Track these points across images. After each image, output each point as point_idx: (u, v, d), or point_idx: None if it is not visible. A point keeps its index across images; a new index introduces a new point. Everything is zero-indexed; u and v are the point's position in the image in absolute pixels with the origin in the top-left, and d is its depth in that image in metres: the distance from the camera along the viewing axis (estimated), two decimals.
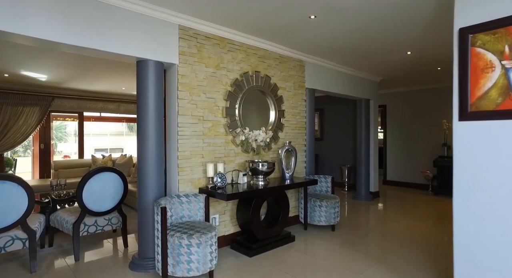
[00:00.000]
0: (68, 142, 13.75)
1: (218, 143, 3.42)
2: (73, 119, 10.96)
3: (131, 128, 14.55)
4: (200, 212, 3.04)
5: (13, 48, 3.91)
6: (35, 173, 9.17)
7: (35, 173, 9.19)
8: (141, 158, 2.92)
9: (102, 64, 4.80)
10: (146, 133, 2.90)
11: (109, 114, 9.23)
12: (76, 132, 14.05)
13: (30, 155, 10.05)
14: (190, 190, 3.17)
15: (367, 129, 5.96)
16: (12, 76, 5.67)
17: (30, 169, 9.44)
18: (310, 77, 4.60)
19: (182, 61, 3.10)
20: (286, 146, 3.91)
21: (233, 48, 3.57)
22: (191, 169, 3.18)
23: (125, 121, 12.34)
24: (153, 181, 2.93)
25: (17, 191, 2.70)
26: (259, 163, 3.43)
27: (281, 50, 4.10)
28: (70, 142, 13.65)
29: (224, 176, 3.23)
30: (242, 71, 3.66)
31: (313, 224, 4.09)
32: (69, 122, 12.97)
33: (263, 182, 3.47)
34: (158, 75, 2.96)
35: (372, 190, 6.09)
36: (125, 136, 14.12)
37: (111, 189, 3.29)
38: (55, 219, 3.36)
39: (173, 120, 3.11)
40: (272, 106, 3.99)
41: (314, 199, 4.05)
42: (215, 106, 3.40)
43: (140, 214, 2.96)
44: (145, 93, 2.90)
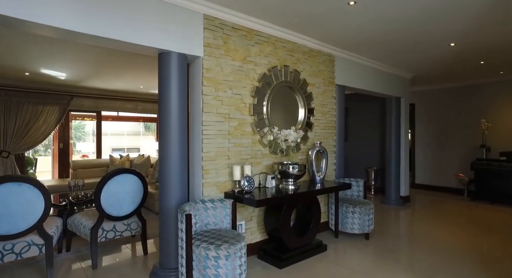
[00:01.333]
0: (86, 141, 13.87)
1: (244, 143, 3.15)
2: (91, 119, 10.99)
3: (147, 128, 14.55)
4: (226, 218, 2.77)
5: (34, 44, 3.78)
6: (55, 173, 9.22)
7: (54, 172, 9.24)
8: (163, 159, 2.68)
9: (120, 61, 4.63)
10: (168, 132, 2.66)
11: (127, 113, 9.16)
12: (94, 131, 14.18)
13: (50, 154, 10.14)
14: (215, 195, 2.91)
15: (397, 129, 5.55)
16: (32, 75, 5.61)
17: (50, 168, 9.52)
18: (340, 73, 4.26)
19: (207, 54, 2.84)
20: (317, 147, 3.60)
21: (261, 40, 3.29)
22: (216, 171, 2.92)
23: (142, 121, 12.32)
24: (176, 185, 2.68)
25: (34, 194, 2.51)
26: (289, 165, 3.13)
27: (311, 44, 3.79)
28: (88, 141, 13.75)
29: (252, 179, 2.95)
30: (270, 66, 3.37)
31: (344, 231, 3.75)
32: (88, 122, 13.07)
33: (293, 186, 3.18)
34: (182, 69, 2.72)
35: (402, 194, 5.68)
36: (142, 136, 14.11)
37: (130, 192, 3.07)
38: (72, 222, 3.18)
39: (197, 119, 2.86)
40: (301, 103, 3.68)
41: (346, 205, 3.72)
42: (242, 103, 3.13)
43: (161, 221, 2.72)
44: (167, 89, 2.66)
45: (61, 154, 7.24)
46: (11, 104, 6.07)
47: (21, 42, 3.71)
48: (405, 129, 5.73)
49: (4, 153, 5.96)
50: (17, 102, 6.14)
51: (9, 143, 6.05)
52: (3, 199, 2.38)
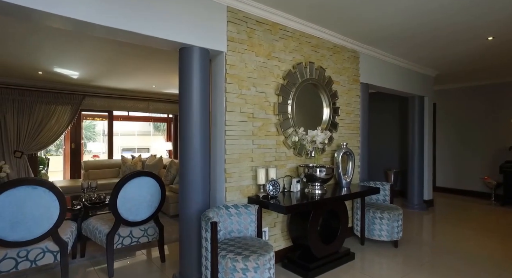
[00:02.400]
0: (97, 141, 13.85)
1: (268, 144, 2.96)
2: (102, 119, 10.93)
3: (157, 128, 14.49)
4: (251, 226, 2.58)
5: (49, 41, 3.65)
6: (66, 173, 9.17)
7: (66, 172, 9.19)
8: (184, 162, 2.51)
9: (134, 59, 4.48)
10: (189, 132, 2.49)
11: (137, 113, 9.06)
12: (104, 132, 14.16)
13: (61, 154, 10.11)
14: (238, 200, 2.73)
15: (420, 130, 5.29)
16: (45, 74, 5.52)
17: (61, 168, 9.48)
18: (364, 70, 4.04)
19: (231, 49, 2.66)
20: (343, 149, 3.39)
21: (285, 35, 3.09)
22: (239, 174, 2.73)
23: (153, 121, 12.24)
24: (197, 189, 2.51)
25: (49, 198, 2.36)
26: (316, 168, 2.93)
27: (335, 39, 3.58)
28: (99, 141, 13.74)
29: (277, 183, 2.76)
30: (295, 62, 3.18)
31: (371, 238, 3.53)
32: (98, 121, 13.03)
33: (320, 190, 2.97)
34: (204, 65, 2.54)
35: (425, 198, 5.41)
36: (152, 137, 14.05)
37: (148, 196, 2.91)
38: (87, 227, 3.03)
39: (219, 118, 2.68)
40: (326, 102, 3.48)
41: (373, 210, 3.49)
42: (266, 102, 2.94)
43: (182, 228, 2.55)
44: (188, 86, 2.48)
45: (73, 154, 7.16)
46: (24, 104, 6.00)
47: (37, 39, 3.59)
48: (429, 130, 5.46)
49: (17, 153, 5.89)
50: (30, 102, 6.07)
51: (22, 143, 5.97)
52: (18, 203, 2.23)
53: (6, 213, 2.20)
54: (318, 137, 2.92)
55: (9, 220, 2.22)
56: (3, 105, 5.81)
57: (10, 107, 5.87)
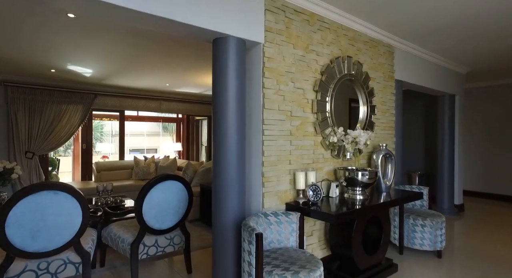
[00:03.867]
0: (105, 142, 13.68)
1: (306, 145, 2.71)
2: (110, 119, 10.75)
3: (165, 129, 14.31)
4: (292, 235, 2.33)
5: (65, 36, 3.44)
6: (76, 174, 8.98)
7: (75, 173, 9.00)
8: (218, 165, 2.27)
9: (153, 55, 4.26)
10: (224, 132, 2.25)
11: (148, 113, 8.87)
12: (112, 132, 13.99)
13: (69, 154, 9.93)
14: (275, 206, 2.48)
15: (451, 131, 5.00)
16: (58, 72, 5.32)
17: (70, 169, 9.29)
18: (399, 66, 3.78)
19: (269, 40, 2.42)
20: (383, 150, 3.13)
21: (323, 27, 2.85)
22: (277, 178, 2.48)
23: (162, 121, 12.03)
24: (233, 195, 2.26)
25: (71, 204, 2.13)
26: (358, 171, 2.67)
27: (372, 32, 3.33)
28: (107, 142, 13.56)
29: (318, 189, 2.51)
30: (333, 56, 2.93)
31: (411, 247, 3.26)
32: (106, 122, 12.85)
33: (362, 196, 2.71)
34: (240, 57, 2.30)
35: (456, 203, 5.12)
36: (160, 137, 13.86)
37: (175, 202, 2.67)
38: (108, 235, 2.80)
39: (256, 116, 2.44)
40: (363, 100, 3.22)
41: (413, 217, 3.22)
42: (304, 99, 2.69)
43: (216, 238, 2.31)
44: (223, 81, 2.24)
45: (84, 155, 6.96)
46: (36, 104, 5.81)
47: (52, 34, 3.38)
48: (460, 131, 5.16)
49: (28, 153, 5.70)
50: (42, 101, 5.88)
51: (33, 144, 5.78)
52: (39, 210, 2.00)
53: (27, 221, 1.98)
54: (361, 137, 2.67)
55: (30, 228, 2.00)
56: (15, 105, 5.63)
57: (21, 106, 5.68)
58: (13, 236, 1.94)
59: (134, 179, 6.33)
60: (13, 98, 5.62)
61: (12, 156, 5.63)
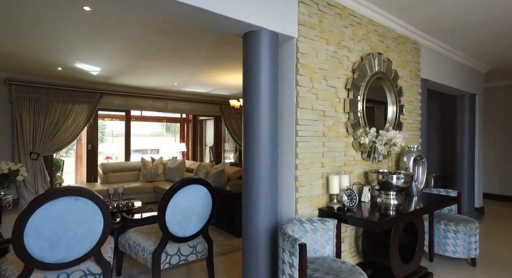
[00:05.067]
0: (107, 142, 13.47)
1: (338, 147, 2.55)
2: (112, 119, 10.55)
3: (168, 129, 14.13)
4: (329, 244, 2.17)
5: (76, 30, 3.27)
6: (79, 176, 8.78)
7: (78, 175, 8.80)
8: (249, 168, 2.11)
9: (166, 52, 4.10)
10: (256, 132, 2.09)
11: (151, 113, 8.70)
12: (113, 132, 13.77)
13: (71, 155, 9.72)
14: (308, 212, 2.32)
15: (471, 131, 4.85)
16: (64, 70, 5.15)
17: (73, 171, 9.09)
18: (425, 64, 3.63)
19: (303, 34, 2.26)
20: (414, 152, 2.97)
21: (354, 21, 2.69)
22: (310, 182, 2.32)
23: (166, 121, 11.85)
24: (266, 201, 2.10)
25: (92, 211, 1.97)
26: (393, 175, 2.51)
27: (400, 28, 3.18)
28: (109, 142, 13.35)
29: (353, 193, 2.35)
30: (364, 53, 2.77)
31: (442, 254, 3.10)
32: (108, 122, 12.65)
33: (396, 200, 2.55)
34: (274, 52, 2.14)
35: (476, 206, 4.97)
36: (164, 137, 13.67)
37: (198, 207, 2.50)
38: (125, 242, 2.63)
39: (288, 116, 2.27)
40: (392, 99, 3.07)
41: (445, 222, 3.07)
42: (336, 97, 2.53)
43: (247, 246, 2.15)
44: (255, 78, 2.09)
45: (89, 156, 6.77)
46: (41, 103, 5.63)
47: (65, 30, 3.21)
48: (480, 132, 5.02)
49: (33, 154, 5.51)
50: (47, 100, 5.70)
51: (38, 144, 5.60)
52: (58, 218, 1.84)
53: (46, 230, 1.81)
54: (397, 139, 2.51)
55: (49, 238, 1.83)
56: (19, 104, 5.45)
57: (26, 106, 5.50)
58: (31, 246, 1.77)
59: (141, 180, 6.15)
60: (17, 97, 5.44)
61: (16, 157, 5.45)
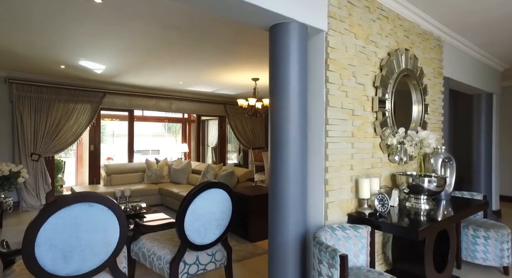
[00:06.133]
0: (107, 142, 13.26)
1: (366, 148, 2.40)
2: (112, 119, 10.35)
3: (168, 129, 13.95)
4: (362, 253, 2.02)
5: (83, 26, 3.10)
6: (79, 177, 8.58)
7: (79, 177, 8.60)
8: (278, 171, 1.95)
9: (176, 48, 3.94)
10: (285, 134, 1.93)
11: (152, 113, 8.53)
12: (114, 133, 13.57)
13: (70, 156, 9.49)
14: (338, 218, 2.16)
15: (488, 131, 4.72)
16: (67, 68, 4.97)
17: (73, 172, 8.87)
18: (447, 62, 3.49)
19: (333, 28, 2.11)
20: (441, 154, 2.82)
21: (381, 15, 2.54)
22: (339, 186, 2.17)
23: (167, 122, 11.66)
24: (295, 206, 1.95)
25: (107, 218, 1.80)
26: (424, 178, 2.36)
27: (425, 23, 3.03)
28: (109, 142, 13.14)
29: (385, 198, 2.19)
30: (391, 49, 2.62)
31: (470, 262, 2.95)
32: (107, 122, 12.46)
33: (427, 205, 2.40)
34: (303, 46, 1.99)
35: (493, 209, 4.84)
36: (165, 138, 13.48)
37: (218, 213, 2.34)
38: (139, 250, 2.46)
39: (318, 115, 2.12)
40: (417, 97, 2.92)
41: (473, 227, 2.92)
42: (364, 96, 2.38)
43: (274, 256, 1.99)
44: (284, 75, 1.93)
45: (91, 157, 6.58)
46: (42, 102, 5.45)
47: (72, 24, 3.04)
48: (497, 132, 4.89)
49: (34, 155, 5.32)
50: (48, 99, 5.51)
51: (39, 145, 5.41)
52: (72, 226, 1.67)
53: (59, 240, 1.64)
54: (430, 140, 2.36)
55: (62, 248, 1.66)
56: (20, 103, 5.26)
57: (26, 105, 5.32)
58: (43, 258, 1.60)
59: (146, 182, 5.98)
60: (18, 96, 5.26)
61: (17, 158, 5.26)
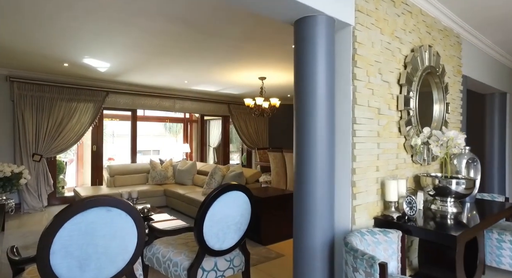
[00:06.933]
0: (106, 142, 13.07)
1: (391, 148, 2.29)
2: (111, 119, 10.22)
3: (168, 129, 13.81)
4: (393, 259, 1.91)
5: (89, 22, 2.98)
6: (80, 178, 8.43)
7: (79, 178, 8.44)
8: (305, 173, 1.85)
9: (183, 46, 3.82)
10: (312, 133, 1.83)
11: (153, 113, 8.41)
12: (114, 133, 13.41)
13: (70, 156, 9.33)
14: (365, 222, 2.05)
15: (501, 132, 4.64)
16: (71, 66, 4.84)
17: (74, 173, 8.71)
18: (466, 60, 3.39)
19: (360, 22, 2.00)
20: (465, 155, 2.72)
21: (405, 10, 2.44)
22: (366, 188, 2.06)
23: (169, 121, 11.54)
24: (322, 209, 1.84)
25: (125, 224, 1.68)
26: (451, 179, 2.26)
27: (446, 19, 2.94)
28: (109, 143, 12.98)
29: (413, 200, 2.09)
30: (414, 45, 2.52)
31: (495, 267, 2.86)
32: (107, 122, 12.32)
33: (454, 208, 2.30)
34: (330, 41, 1.89)
35: None
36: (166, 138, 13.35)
37: (237, 216, 2.23)
38: (153, 256, 2.34)
39: (344, 114, 2.01)
40: (438, 96, 2.82)
41: (498, 231, 2.82)
42: (389, 94, 2.28)
43: (299, 262, 1.88)
44: (311, 72, 1.83)
45: (94, 157, 6.45)
46: (44, 101, 5.32)
47: (77, 19, 2.92)
48: (511, 132, 4.80)
49: (36, 156, 5.19)
50: (50, 98, 5.39)
51: (41, 145, 5.28)
52: (89, 232, 1.55)
53: (74, 247, 1.52)
54: (459, 139, 2.26)
55: (78, 256, 1.54)
56: (21, 102, 5.13)
57: (28, 104, 5.19)
58: (58, 266, 1.49)
59: (150, 183, 5.85)
60: (19, 95, 5.13)
61: (18, 158, 5.12)
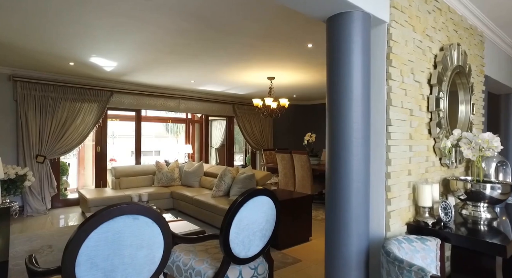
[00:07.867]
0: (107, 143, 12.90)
1: (422, 151, 2.20)
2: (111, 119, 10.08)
3: (168, 129, 13.70)
4: (431, 268, 1.81)
5: (100, 16, 2.87)
6: (81, 180, 8.29)
7: (81, 179, 8.30)
8: (338, 176, 1.75)
9: (195, 45, 3.71)
10: (347, 134, 1.73)
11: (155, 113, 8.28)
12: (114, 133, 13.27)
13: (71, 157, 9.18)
14: (398, 229, 1.96)
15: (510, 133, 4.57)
16: (76, 65, 4.72)
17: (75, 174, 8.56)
18: (488, 59, 3.31)
19: (395, 19, 1.91)
20: (494, 158, 2.64)
21: (435, 7, 2.35)
22: (399, 193, 1.97)
23: (171, 122, 11.41)
24: (358, 216, 1.74)
25: (151, 232, 1.57)
26: (486, 184, 2.17)
27: (471, 17, 2.85)
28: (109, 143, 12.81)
29: (449, 206, 2.00)
30: (443, 44, 2.43)
31: None
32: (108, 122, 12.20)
33: (489, 214, 2.21)
34: (366, 39, 1.79)
35: None
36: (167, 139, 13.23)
37: (262, 223, 2.12)
38: (173, 264, 2.23)
39: (378, 115, 1.91)
40: (464, 97, 2.73)
41: None
42: (420, 94, 2.18)
43: (332, 271, 1.78)
44: (346, 71, 1.73)
45: (98, 159, 6.32)
46: (48, 101, 5.19)
47: (88, 16, 2.81)
48: None
49: (39, 157, 5.06)
50: (54, 98, 5.26)
51: (44, 146, 5.15)
52: (115, 242, 1.44)
53: (100, 258, 1.41)
54: (495, 142, 2.17)
55: (104, 267, 1.43)
56: (25, 102, 5.00)
57: (32, 104, 5.06)
58: None
59: (156, 185, 5.73)
60: (23, 95, 4.99)
61: (21, 160, 4.99)
